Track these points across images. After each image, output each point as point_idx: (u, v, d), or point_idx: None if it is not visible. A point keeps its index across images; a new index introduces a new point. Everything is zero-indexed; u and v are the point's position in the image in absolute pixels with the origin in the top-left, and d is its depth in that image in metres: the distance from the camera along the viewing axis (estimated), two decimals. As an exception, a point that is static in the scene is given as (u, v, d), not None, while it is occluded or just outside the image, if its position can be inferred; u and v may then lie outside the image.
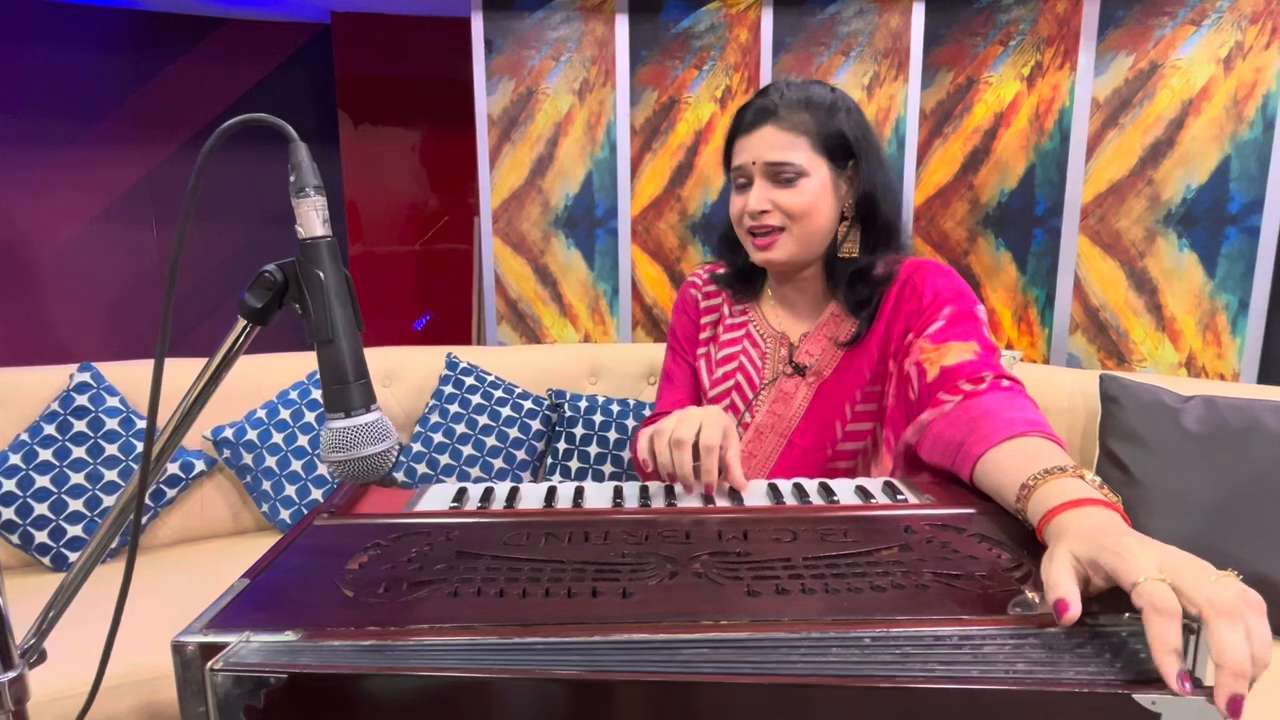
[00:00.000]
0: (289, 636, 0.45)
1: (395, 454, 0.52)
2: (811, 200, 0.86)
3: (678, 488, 0.72)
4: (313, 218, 0.48)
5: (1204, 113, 1.66)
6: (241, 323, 0.52)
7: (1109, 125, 1.76)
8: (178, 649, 0.44)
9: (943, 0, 1.91)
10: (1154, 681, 0.39)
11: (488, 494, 0.70)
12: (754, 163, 0.86)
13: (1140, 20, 1.71)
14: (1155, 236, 1.74)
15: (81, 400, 1.48)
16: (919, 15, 1.91)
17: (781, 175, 0.85)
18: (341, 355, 0.49)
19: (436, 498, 0.70)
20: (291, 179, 0.48)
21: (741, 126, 0.89)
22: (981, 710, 0.40)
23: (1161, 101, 1.70)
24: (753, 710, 0.41)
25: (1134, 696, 0.39)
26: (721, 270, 1.02)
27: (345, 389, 0.50)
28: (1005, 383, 0.74)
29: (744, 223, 0.89)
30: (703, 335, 1.01)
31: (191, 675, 0.44)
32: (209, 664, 0.43)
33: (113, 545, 1.48)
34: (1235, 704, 0.38)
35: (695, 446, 0.71)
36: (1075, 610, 0.42)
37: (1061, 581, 0.43)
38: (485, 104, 2.06)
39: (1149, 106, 1.71)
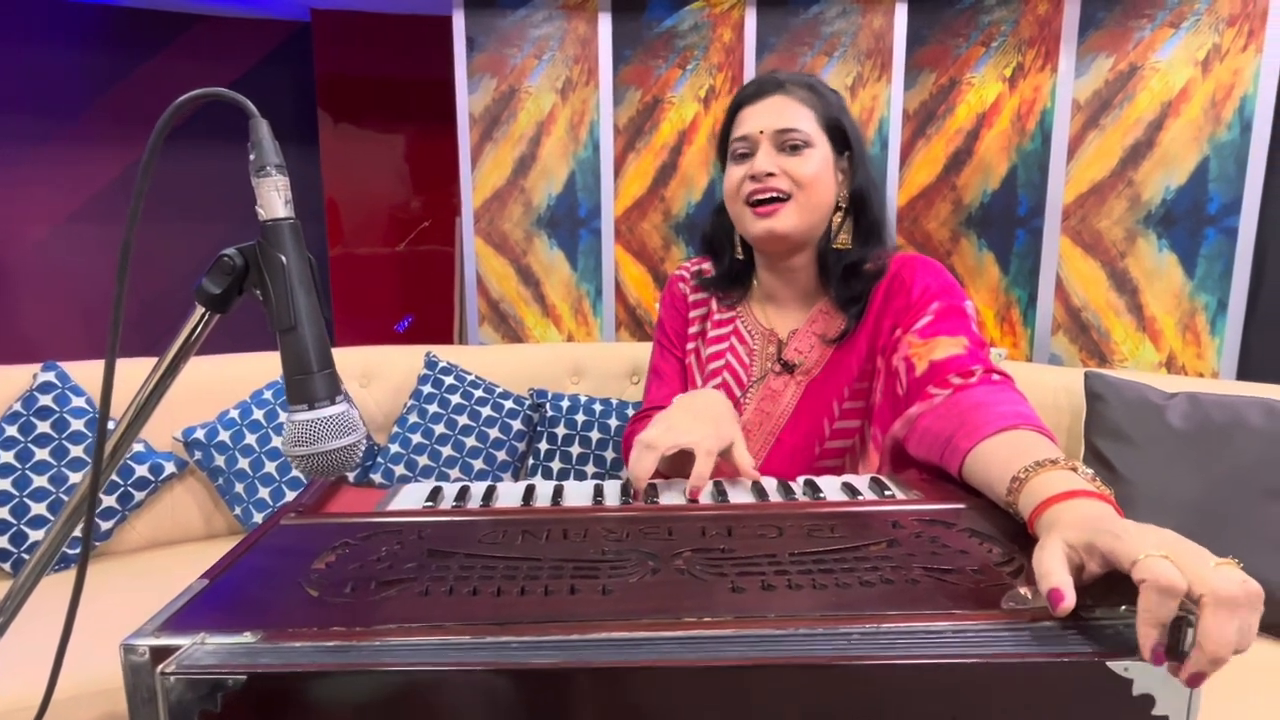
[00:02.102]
0: (247, 638, 0.42)
1: (362, 448, 0.50)
2: (817, 170, 0.85)
3: (660, 486, 0.70)
4: (274, 198, 0.46)
5: (1183, 114, 1.67)
6: (199, 310, 0.49)
7: (1090, 126, 1.77)
8: (127, 652, 0.42)
9: (925, 1, 1.91)
10: (1126, 650, 0.39)
11: (463, 493, 0.68)
12: (761, 131, 0.85)
13: (1120, 22, 1.72)
14: (1136, 237, 1.75)
15: (45, 400, 1.43)
16: (901, 16, 1.91)
17: (789, 143, 0.85)
18: (304, 344, 0.47)
19: (410, 497, 0.68)
20: (251, 157, 0.46)
21: (745, 98, 0.88)
22: (957, 684, 0.40)
23: (1141, 103, 1.71)
24: (730, 696, 0.40)
25: (1107, 664, 0.39)
26: (706, 269, 1.00)
27: (308, 379, 0.47)
28: (995, 377, 0.73)
29: (744, 190, 0.87)
30: (691, 330, 0.99)
31: (141, 680, 0.42)
32: (160, 667, 0.40)
33: (74, 550, 1.43)
34: (1196, 679, 0.38)
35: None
36: (1070, 600, 0.41)
37: (1054, 570, 0.42)
38: (467, 102, 2.03)
39: (1129, 108, 1.72)
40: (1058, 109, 1.78)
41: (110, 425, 0.52)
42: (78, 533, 0.56)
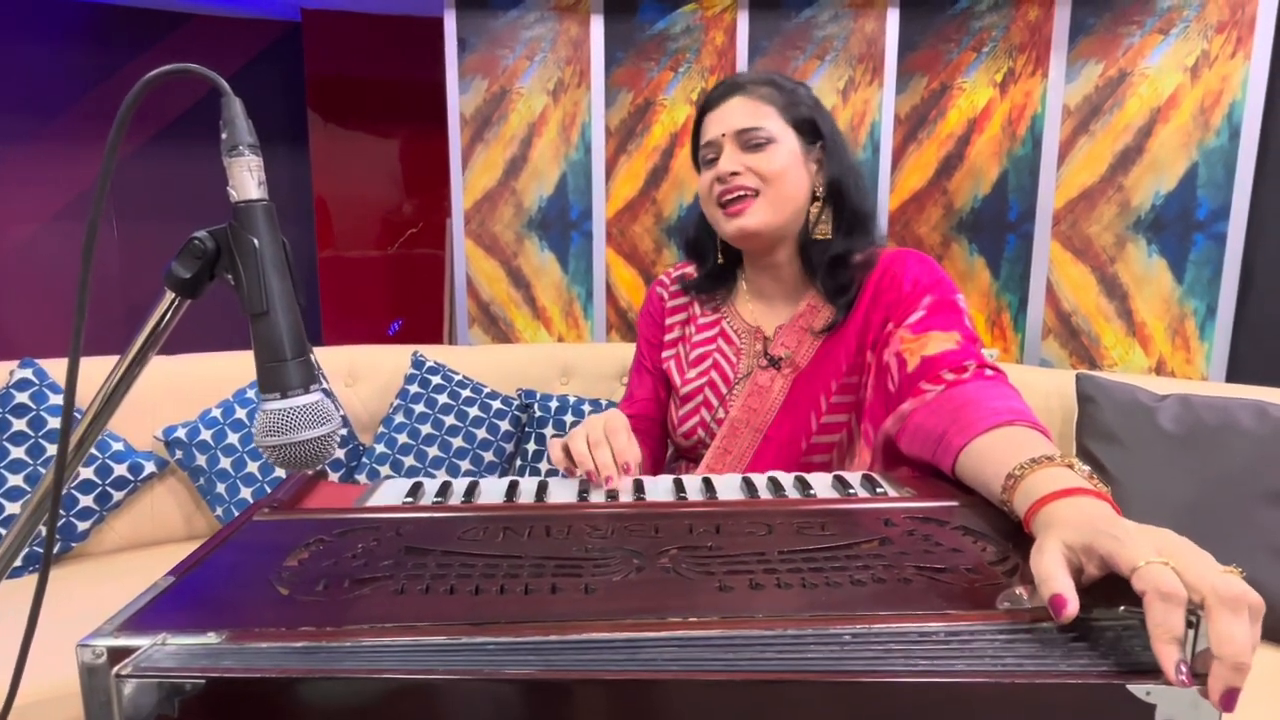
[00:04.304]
0: (210, 638, 0.40)
1: (338, 439, 0.48)
2: (782, 164, 0.86)
3: (647, 482, 0.69)
4: (247, 179, 0.44)
5: (1172, 120, 1.68)
6: (169, 296, 0.47)
7: (1080, 132, 1.77)
8: (83, 653, 0.40)
9: (917, 6, 1.91)
10: (1148, 671, 0.37)
11: (445, 489, 0.66)
12: (724, 134, 0.86)
13: (1110, 29, 1.73)
14: (1125, 242, 1.76)
15: (22, 398, 1.40)
16: (893, 20, 1.91)
17: (751, 141, 0.85)
18: (278, 330, 0.45)
19: (389, 492, 0.66)
20: (223, 136, 0.44)
21: (709, 104, 0.90)
22: (967, 704, 0.37)
23: (1131, 109, 1.71)
24: (721, 712, 0.38)
25: (1128, 687, 0.36)
26: (689, 274, 0.99)
27: (281, 367, 0.45)
28: (988, 372, 0.72)
29: (713, 192, 0.87)
30: (669, 336, 0.99)
31: (97, 683, 0.39)
32: (115, 669, 0.38)
33: (49, 550, 1.40)
34: (1230, 697, 0.36)
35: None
36: (1073, 607, 0.39)
37: (1055, 575, 0.40)
38: (458, 103, 2.02)
39: (1119, 114, 1.73)
40: (1048, 114, 1.79)
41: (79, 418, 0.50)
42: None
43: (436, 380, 1.71)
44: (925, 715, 0.37)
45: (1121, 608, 0.41)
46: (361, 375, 1.73)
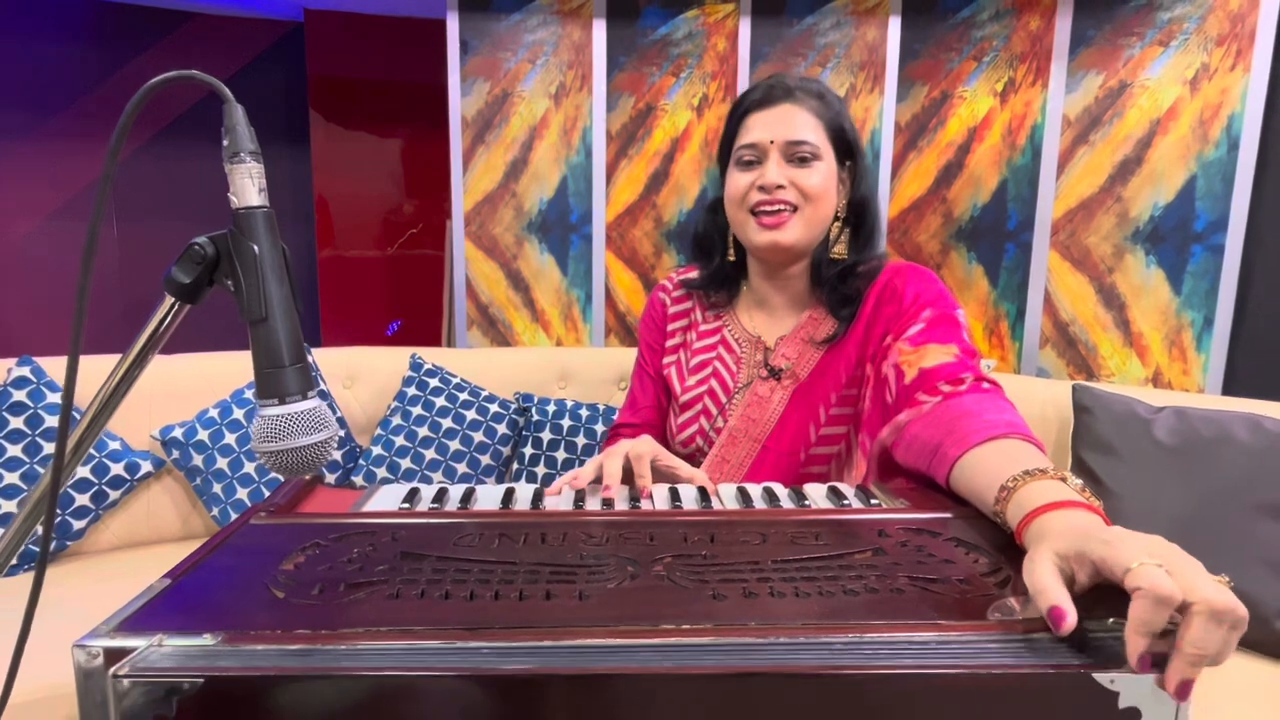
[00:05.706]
0: (207, 640, 0.41)
1: (334, 445, 0.48)
2: (824, 183, 0.85)
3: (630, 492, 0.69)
4: (247, 186, 0.45)
5: (1171, 132, 1.69)
6: (169, 301, 0.48)
7: (1079, 142, 1.78)
8: (79, 654, 0.40)
9: (918, 14, 1.92)
10: (1112, 660, 0.38)
11: (441, 494, 0.66)
12: (772, 140, 0.84)
13: (1110, 40, 1.73)
14: (1124, 253, 1.76)
15: (19, 395, 1.40)
16: (895, 29, 1.92)
17: (798, 155, 0.84)
18: (276, 336, 0.45)
19: (386, 498, 0.66)
20: (225, 143, 0.44)
21: (753, 104, 0.87)
22: (937, 695, 0.38)
23: (1130, 120, 1.72)
24: (709, 706, 0.38)
25: (1093, 675, 0.38)
26: (694, 275, 0.99)
27: (280, 373, 0.46)
28: (985, 385, 0.73)
29: (749, 200, 0.85)
30: (670, 343, 0.98)
31: (94, 684, 0.40)
32: (112, 669, 0.39)
33: (45, 549, 1.40)
34: (1185, 688, 0.37)
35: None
36: (1072, 618, 0.39)
37: (1051, 586, 0.41)
38: (459, 105, 2.03)
39: (1118, 125, 1.74)
40: (1048, 124, 1.79)
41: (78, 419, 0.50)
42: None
43: (434, 383, 1.72)
44: (896, 706, 0.38)
45: (1110, 620, 0.41)
46: (359, 377, 1.74)
